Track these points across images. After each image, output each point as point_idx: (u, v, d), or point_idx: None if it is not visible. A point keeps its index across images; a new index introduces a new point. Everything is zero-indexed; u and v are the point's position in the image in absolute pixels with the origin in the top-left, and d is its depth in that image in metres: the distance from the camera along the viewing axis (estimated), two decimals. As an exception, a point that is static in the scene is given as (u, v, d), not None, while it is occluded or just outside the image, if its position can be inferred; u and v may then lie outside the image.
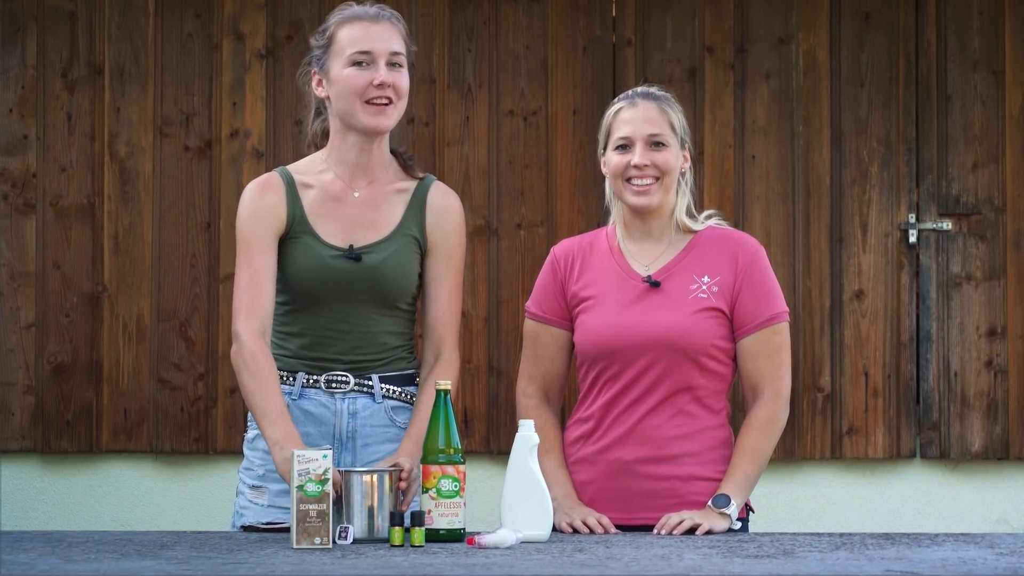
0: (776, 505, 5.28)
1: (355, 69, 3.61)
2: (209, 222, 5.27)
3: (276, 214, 3.66)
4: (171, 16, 5.31)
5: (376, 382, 3.67)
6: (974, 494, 5.32)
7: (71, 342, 5.26)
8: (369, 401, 3.68)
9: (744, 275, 3.71)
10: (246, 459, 3.71)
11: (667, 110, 3.74)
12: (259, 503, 3.65)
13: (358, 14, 3.66)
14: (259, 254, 3.62)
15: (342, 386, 3.66)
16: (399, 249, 3.69)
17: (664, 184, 3.72)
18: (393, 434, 3.67)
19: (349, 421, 3.66)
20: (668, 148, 3.71)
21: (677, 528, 3.51)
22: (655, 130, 3.71)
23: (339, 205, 3.69)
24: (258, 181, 3.72)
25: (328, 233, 3.66)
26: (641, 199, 3.71)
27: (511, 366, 5.12)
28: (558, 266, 3.82)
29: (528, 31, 5.33)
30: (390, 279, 3.67)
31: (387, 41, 3.64)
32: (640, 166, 3.70)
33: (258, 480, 3.67)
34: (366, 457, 3.64)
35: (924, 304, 5.32)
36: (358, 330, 3.67)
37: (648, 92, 3.78)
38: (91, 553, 3.05)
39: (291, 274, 3.66)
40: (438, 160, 5.29)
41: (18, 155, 5.29)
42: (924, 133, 5.34)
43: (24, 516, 5.23)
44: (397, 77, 3.64)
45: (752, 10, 5.35)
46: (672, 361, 3.66)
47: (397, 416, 3.69)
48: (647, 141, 3.71)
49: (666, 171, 3.71)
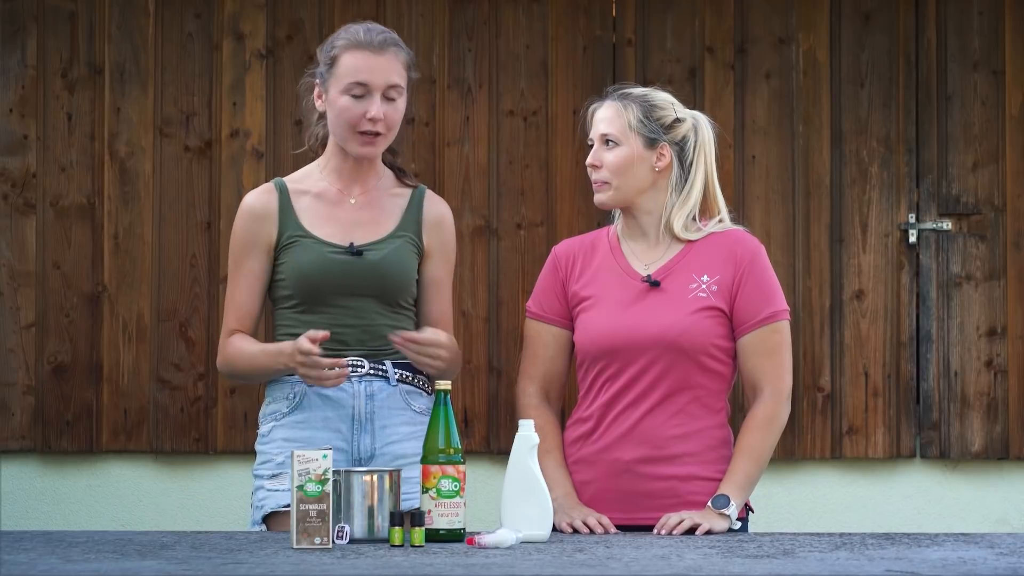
0: (776, 505, 5.28)
1: (351, 99, 3.72)
2: (209, 222, 5.27)
3: (264, 228, 3.77)
4: (171, 16, 5.31)
5: (390, 367, 3.73)
6: (974, 494, 5.32)
7: (71, 342, 5.26)
8: (384, 384, 3.74)
9: (743, 273, 3.71)
10: (261, 455, 3.75)
11: (623, 109, 3.73)
12: (280, 488, 3.68)
13: (363, 43, 3.73)
14: (244, 272, 3.78)
15: (358, 370, 3.71)
16: (399, 247, 3.75)
17: (617, 184, 3.72)
18: (409, 417, 3.74)
19: (367, 403, 3.72)
20: (620, 146, 3.72)
21: (677, 528, 3.51)
22: (606, 129, 3.73)
23: (336, 209, 3.78)
24: (251, 194, 3.85)
25: (327, 234, 3.74)
26: (596, 196, 3.76)
27: (511, 366, 5.12)
28: (559, 266, 3.83)
29: (528, 31, 5.33)
30: (392, 274, 3.73)
31: (386, 74, 3.73)
32: (590, 165, 3.74)
33: (277, 468, 3.71)
34: (385, 439, 3.69)
35: (924, 304, 5.32)
36: (363, 325, 3.72)
37: (619, 91, 3.79)
38: (91, 553, 3.05)
39: (295, 275, 3.72)
40: (438, 160, 5.30)
41: (18, 155, 5.29)
42: (924, 133, 5.34)
43: (24, 516, 5.23)
44: (391, 110, 3.74)
45: (752, 10, 5.35)
46: (672, 360, 3.66)
47: (412, 401, 3.76)
48: (601, 140, 3.74)
49: (614, 171, 3.71)
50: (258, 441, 3.78)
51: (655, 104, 3.75)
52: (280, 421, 3.73)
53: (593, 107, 3.79)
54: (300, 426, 3.71)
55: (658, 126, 3.72)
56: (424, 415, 3.73)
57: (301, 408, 3.72)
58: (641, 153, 3.71)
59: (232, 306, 3.79)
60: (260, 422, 3.79)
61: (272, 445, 3.73)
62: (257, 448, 3.78)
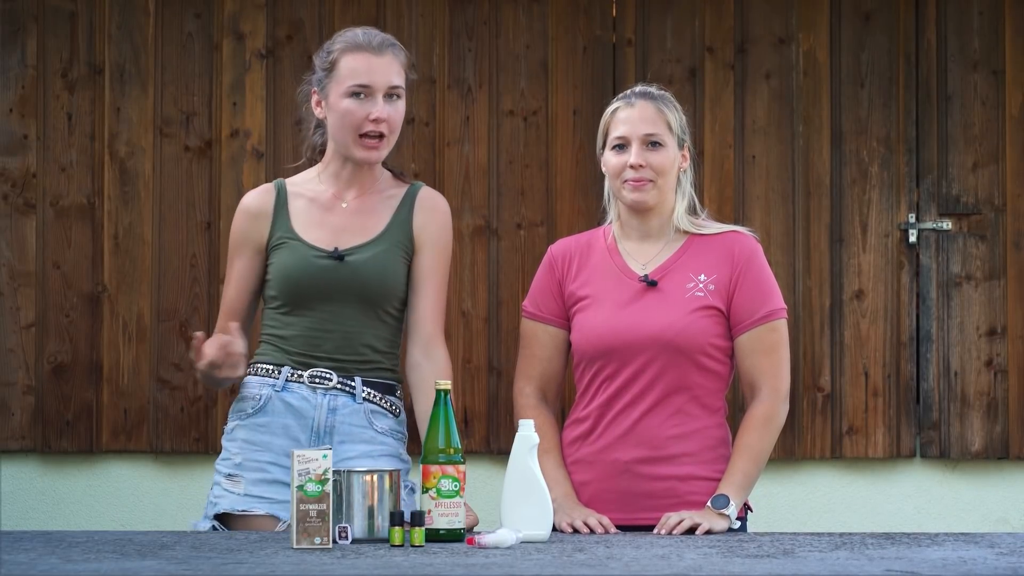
0: (776, 505, 5.28)
1: (353, 101, 3.73)
2: (209, 222, 5.27)
3: (258, 227, 3.81)
4: (171, 16, 5.31)
5: (359, 384, 3.74)
6: (974, 494, 5.32)
7: (71, 342, 5.26)
8: (350, 400, 3.74)
9: (741, 272, 3.71)
10: (224, 450, 3.81)
11: (664, 109, 3.74)
12: (234, 492, 3.73)
13: (362, 44, 3.74)
14: (235, 269, 3.84)
15: (325, 382, 3.73)
16: (384, 251, 3.76)
17: (660, 184, 3.72)
18: (370, 436, 3.74)
19: (328, 416, 3.73)
20: (664, 148, 3.72)
21: (677, 528, 3.51)
22: (651, 130, 3.72)
23: (327, 214, 3.80)
24: (250, 193, 3.90)
25: (315, 238, 3.78)
26: (637, 195, 3.73)
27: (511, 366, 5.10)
28: (555, 265, 3.83)
29: (528, 31, 5.33)
30: (373, 279, 3.73)
31: (387, 75, 3.74)
32: (636, 166, 3.71)
33: (234, 468, 3.75)
34: (341, 454, 3.71)
35: (924, 304, 5.31)
36: (343, 331, 3.74)
37: (646, 91, 3.78)
38: (91, 553, 3.05)
39: (279, 276, 3.77)
40: (438, 160, 5.30)
41: (18, 155, 5.29)
42: (924, 133, 5.34)
43: (24, 516, 5.23)
44: (393, 111, 3.75)
45: (752, 10, 5.35)
46: (669, 360, 3.66)
47: (376, 421, 3.76)
48: (643, 141, 3.72)
49: (661, 171, 3.72)
50: (223, 435, 3.82)
51: (677, 106, 3.78)
52: (243, 421, 3.77)
53: (614, 108, 3.77)
54: (261, 429, 3.75)
55: (683, 128, 3.75)
56: (386, 435, 3.75)
57: (264, 412, 3.75)
58: (676, 155, 3.74)
59: (224, 304, 3.87)
60: (228, 417, 3.83)
61: (233, 444, 3.78)
62: (222, 442, 3.82)
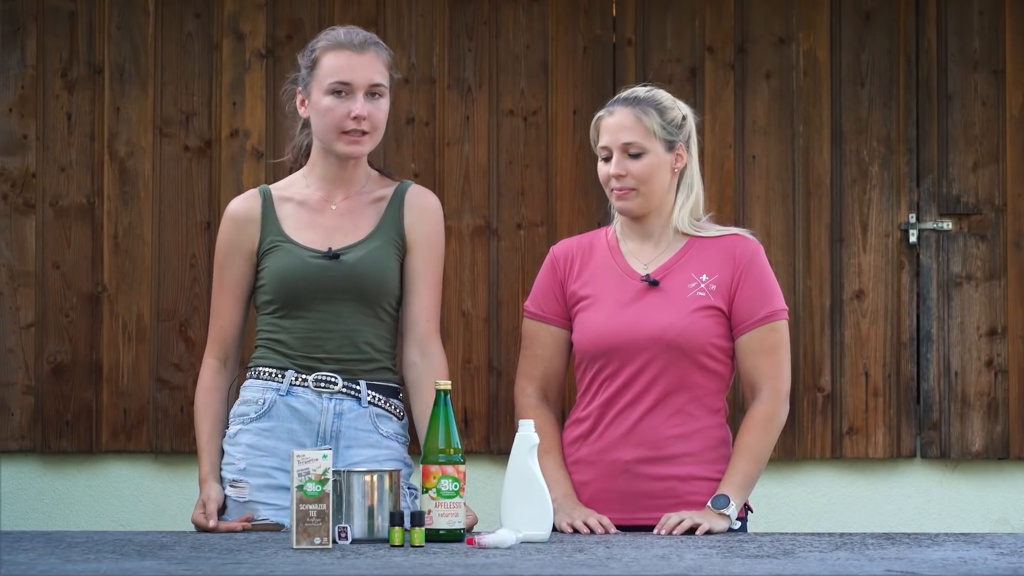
0: (776, 505, 5.28)
1: (334, 99, 3.72)
2: (209, 222, 5.27)
3: (247, 233, 3.81)
4: (171, 16, 5.31)
5: (363, 387, 3.73)
6: (974, 494, 5.31)
7: (71, 342, 5.26)
8: (355, 404, 3.73)
9: (742, 273, 3.71)
10: (226, 455, 3.78)
11: (642, 116, 3.73)
12: (238, 499, 3.72)
13: (343, 43, 3.74)
14: (226, 279, 3.82)
15: (330, 386, 3.72)
16: (377, 248, 3.76)
17: (644, 191, 3.73)
18: (375, 440, 3.74)
19: (334, 421, 3.72)
20: (646, 155, 3.72)
21: (677, 528, 3.51)
22: (629, 138, 3.72)
23: (317, 216, 3.80)
24: (235, 200, 3.90)
25: (308, 240, 3.78)
26: (621, 204, 3.75)
27: (511, 366, 5.12)
28: (557, 265, 3.83)
29: (528, 31, 5.33)
30: (369, 275, 3.73)
31: (368, 73, 3.73)
32: (617, 176, 3.73)
33: (238, 474, 3.73)
34: (348, 458, 3.70)
35: (924, 304, 5.31)
36: (343, 330, 3.73)
37: (630, 97, 3.77)
38: (91, 553, 3.05)
39: (273, 278, 3.76)
40: (438, 160, 5.29)
41: (18, 155, 5.29)
42: (924, 133, 5.34)
43: (24, 516, 5.23)
44: (374, 108, 3.74)
45: (752, 10, 5.35)
46: (670, 360, 3.66)
47: (381, 424, 3.75)
48: (623, 150, 3.73)
49: (642, 179, 3.72)
50: (225, 439, 3.80)
51: (666, 106, 3.76)
52: (247, 425, 3.75)
53: (598, 116, 3.78)
54: (265, 434, 3.73)
55: (674, 127, 3.73)
56: (391, 439, 3.75)
57: (269, 416, 3.74)
58: (663, 158, 3.73)
59: (215, 315, 3.83)
60: (230, 421, 3.81)
61: (237, 449, 3.76)
62: (224, 446, 3.80)
